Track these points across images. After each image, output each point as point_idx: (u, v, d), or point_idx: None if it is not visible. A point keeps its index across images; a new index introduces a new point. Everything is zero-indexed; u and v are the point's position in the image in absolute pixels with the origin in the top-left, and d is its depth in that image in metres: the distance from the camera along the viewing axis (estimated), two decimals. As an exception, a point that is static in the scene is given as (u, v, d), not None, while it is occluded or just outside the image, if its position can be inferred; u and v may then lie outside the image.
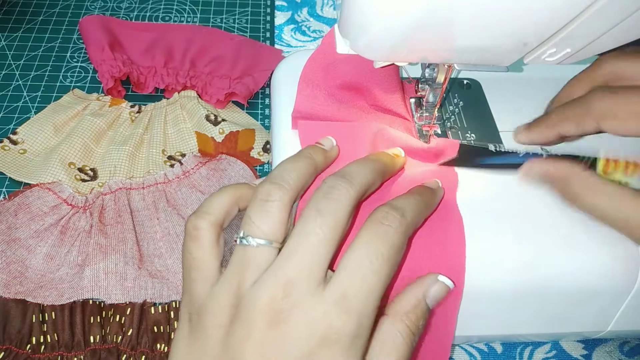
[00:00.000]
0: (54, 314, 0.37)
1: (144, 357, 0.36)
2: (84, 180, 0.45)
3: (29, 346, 0.36)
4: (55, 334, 0.36)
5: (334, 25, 0.29)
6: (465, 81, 0.39)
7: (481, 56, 0.28)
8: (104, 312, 0.37)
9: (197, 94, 0.51)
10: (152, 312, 0.38)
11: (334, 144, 0.30)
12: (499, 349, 0.38)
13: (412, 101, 0.37)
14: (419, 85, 0.36)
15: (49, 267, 0.40)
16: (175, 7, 0.61)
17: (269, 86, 0.53)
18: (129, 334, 0.37)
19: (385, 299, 0.27)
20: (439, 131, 0.36)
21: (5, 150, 0.46)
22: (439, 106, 0.35)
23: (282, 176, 0.26)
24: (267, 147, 0.48)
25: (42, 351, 0.36)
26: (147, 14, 0.60)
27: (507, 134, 0.36)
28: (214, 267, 0.26)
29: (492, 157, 0.32)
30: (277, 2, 0.62)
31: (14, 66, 0.54)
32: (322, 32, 0.59)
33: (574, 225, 0.31)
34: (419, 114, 0.36)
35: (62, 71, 0.54)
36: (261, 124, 0.51)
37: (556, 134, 0.31)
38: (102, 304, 0.38)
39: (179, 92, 0.51)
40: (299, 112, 0.34)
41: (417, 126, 0.35)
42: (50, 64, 0.54)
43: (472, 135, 0.36)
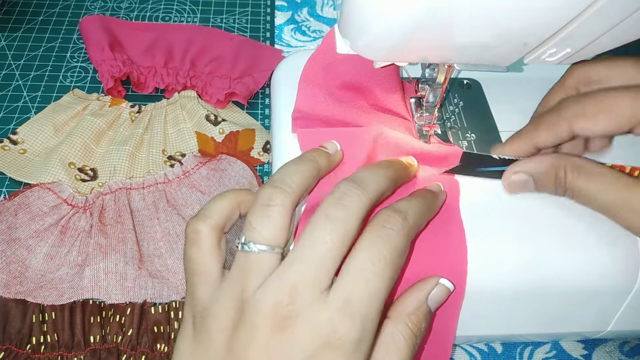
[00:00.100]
0: (54, 314, 0.37)
1: (144, 357, 0.36)
2: (84, 180, 0.45)
3: (29, 346, 0.36)
4: (55, 334, 0.36)
5: (334, 25, 0.29)
6: (465, 81, 0.39)
7: (481, 56, 0.28)
8: (104, 312, 0.37)
9: (197, 94, 0.51)
10: (152, 312, 0.38)
11: (338, 148, 0.30)
12: (499, 349, 0.38)
13: (412, 101, 0.37)
14: (419, 85, 0.36)
15: (49, 267, 0.40)
16: (175, 7, 0.61)
17: (269, 86, 0.53)
18: (129, 334, 0.37)
19: (388, 301, 0.27)
20: (439, 131, 0.36)
21: (5, 150, 0.46)
22: (439, 106, 0.35)
23: (283, 180, 0.25)
24: (267, 147, 0.48)
25: (42, 351, 0.36)
26: (147, 14, 0.60)
27: (507, 134, 0.36)
28: (216, 270, 0.25)
29: (494, 166, 0.32)
30: (277, 2, 0.62)
31: (14, 66, 0.54)
32: (322, 32, 0.59)
33: (574, 225, 0.31)
34: (419, 114, 0.36)
35: (62, 71, 0.54)
36: (261, 124, 0.51)
37: (532, 145, 0.31)
38: (102, 304, 0.38)
39: (179, 92, 0.51)
40: (299, 112, 0.34)
41: (417, 126, 0.35)
42: (50, 64, 0.54)
43: (472, 135, 0.36)
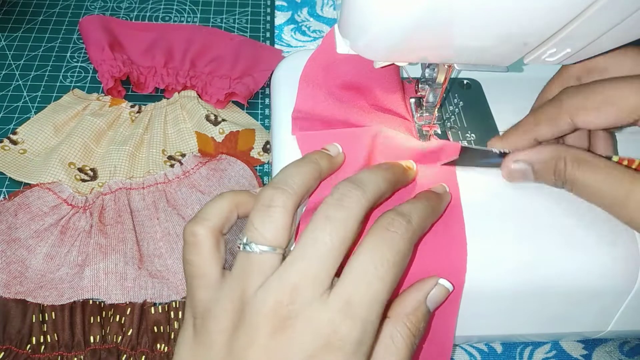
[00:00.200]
0: (54, 314, 0.37)
1: (144, 357, 0.36)
2: (84, 180, 0.45)
3: (29, 346, 0.36)
4: (55, 334, 0.36)
5: (334, 25, 0.29)
6: (465, 81, 0.39)
7: (481, 56, 0.28)
8: (104, 312, 0.37)
9: (197, 94, 0.51)
10: (152, 312, 0.38)
11: (340, 150, 0.30)
12: (499, 349, 0.38)
13: (412, 101, 0.37)
14: (419, 85, 0.35)
15: (49, 267, 0.40)
16: (175, 7, 0.61)
17: (269, 86, 0.53)
18: (129, 334, 0.37)
19: (389, 303, 0.27)
20: (439, 131, 0.36)
21: (5, 150, 0.46)
22: (439, 106, 0.35)
23: (285, 181, 0.25)
24: (267, 147, 0.48)
25: (42, 351, 0.36)
26: (147, 14, 0.60)
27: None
28: (215, 272, 0.25)
29: (494, 158, 0.32)
30: (277, 2, 0.62)
31: (14, 66, 0.54)
32: (322, 32, 0.59)
33: (574, 225, 0.31)
34: (419, 114, 0.36)
35: (62, 71, 0.54)
36: (261, 124, 0.51)
37: (532, 139, 0.31)
38: (102, 304, 0.38)
39: (179, 92, 0.51)
40: (300, 112, 0.34)
41: (417, 126, 0.35)
42: (50, 64, 0.54)
43: (472, 135, 0.36)
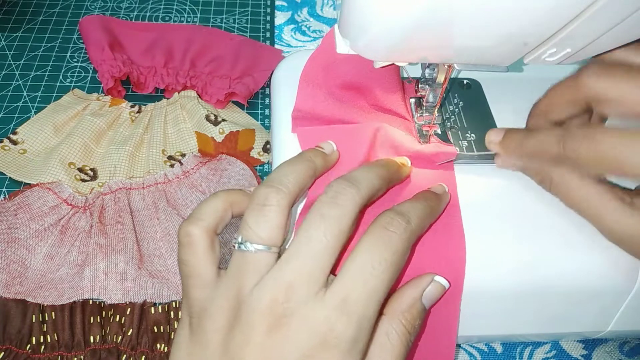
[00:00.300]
0: (54, 314, 0.37)
1: (144, 357, 0.36)
2: (84, 180, 0.45)
3: (29, 346, 0.36)
4: (55, 334, 0.36)
5: (334, 25, 0.29)
6: (465, 81, 0.39)
7: (481, 56, 0.28)
8: (104, 312, 0.37)
9: (197, 94, 0.51)
10: (152, 312, 0.38)
11: (334, 148, 0.30)
12: (499, 349, 0.38)
13: (412, 101, 0.37)
14: (419, 85, 0.35)
15: (49, 267, 0.40)
16: (175, 7, 0.61)
17: (269, 86, 0.53)
18: (129, 334, 0.37)
19: (385, 301, 0.27)
20: (438, 131, 0.36)
21: (5, 150, 0.46)
22: (439, 106, 0.35)
23: (279, 179, 0.25)
24: (267, 147, 0.48)
25: (42, 351, 0.36)
26: (147, 14, 0.60)
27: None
28: (210, 272, 0.25)
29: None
30: (277, 2, 0.62)
31: (14, 66, 0.54)
32: (322, 32, 0.59)
33: (574, 225, 0.31)
34: (419, 114, 0.36)
35: (62, 71, 0.54)
36: (261, 124, 0.51)
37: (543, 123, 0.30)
38: (102, 304, 0.38)
39: (179, 92, 0.51)
40: (300, 112, 0.34)
41: (417, 126, 0.35)
42: (50, 64, 0.54)
43: (472, 135, 0.36)
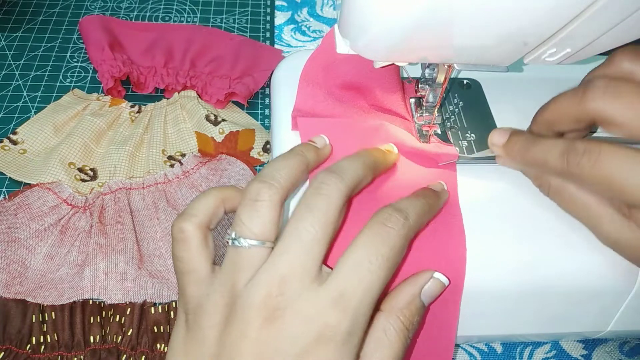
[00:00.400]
0: (54, 314, 0.37)
1: (144, 357, 0.36)
2: (84, 180, 0.45)
3: (29, 346, 0.36)
4: (55, 334, 0.36)
5: (334, 25, 0.29)
6: (465, 81, 0.39)
7: (481, 56, 0.28)
8: (104, 312, 0.37)
9: (197, 94, 0.51)
10: (152, 312, 0.38)
11: (327, 142, 0.30)
12: (499, 349, 0.38)
13: (412, 101, 0.37)
14: (419, 85, 0.35)
15: (49, 267, 0.40)
16: (175, 7, 0.61)
17: (269, 86, 0.53)
18: (129, 334, 0.37)
19: (382, 296, 0.27)
20: (438, 131, 0.36)
21: (5, 150, 0.46)
22: (439, 106, 0.35)
23: (272, 175, 0.25)
24: (267, 147, 0.48)
25: (42, 351, 0.36)
26: (147, 14, 0.60)
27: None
28: (205, 268, 0.25)
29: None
30: (277, 2, 0.62)
31: (14, 66, 0.54)
32: (322, 32, 0.59)
33: (574, 225, 0.30)
34: (419, 114, 0.36)
35: (62, 71, 0.54)
36: (261, 124, 0.51)
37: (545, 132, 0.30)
38: (102, 304, 0.38)
39: (179, 92, 0.51)
40: (299, 111, 0.34)
41: (417, 126, 0.35)
42: (50, 64, 0.54)
43: (472, 135, 0.36)
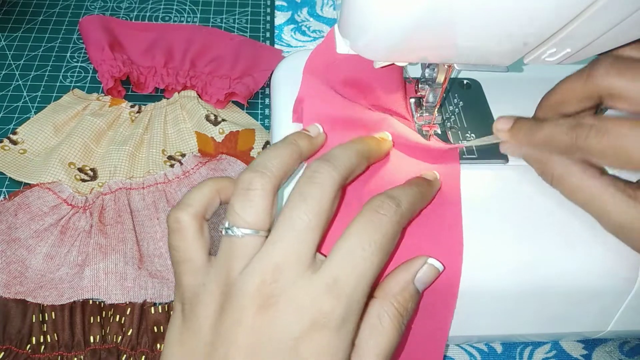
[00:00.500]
0: (54, 314, 0.37)
1: (144, 357, 0.36)
2: (84, 180, 0.45)
3: (29, 346, 0.36)
4: (55, 334, 0.36)
5: (334, 25, 0.29)
6: (465, 81, 0.39)
7: (481, 56, 0.28)
8: (104, 312, 0.37)
9: (197, 94, 0.51)
10: (152, 312, 0.38)
11: (320, 131, 0.30)
12: (499, 349, 0.38)
13: (412, 101, 0.37)
14: (419, 85, 0.35)
15: (49, 267, 0.40)
16: (175, 7, 0.61)
17: (269, 86, 0.53)
18: (129, 334, 0.37)
19: (375, 284, 0.27)
20: (438, 131, 0.36)
21: (5, 150, 0.46)
22: (439, 106, 0.35)
23: (264, 164, 0.26)
24: (267, 147, 0.48)
25: (42, 351, 0.36)
26: (147, 14, 0.60)
27: (507, 134, 0.36)
28: (201, 257, 0.26)
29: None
30: (277, 2, 0.62)
31: (14, 66, 0.54)
32: (322, 32, 0.59)
33: (575, 225, 0.31)
34: (419, 114, 0.36)
35: (62, 71, 0.54)
36: (261, 124, 0.51)
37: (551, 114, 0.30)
38: (102, 304, 0.38)
39: (179, 92, 0.51)
40: (302, 103, 0.34)
41: (417, 126, 0.35)
42: (50, 64, 0.54)
43: (472, 135, 0.36)
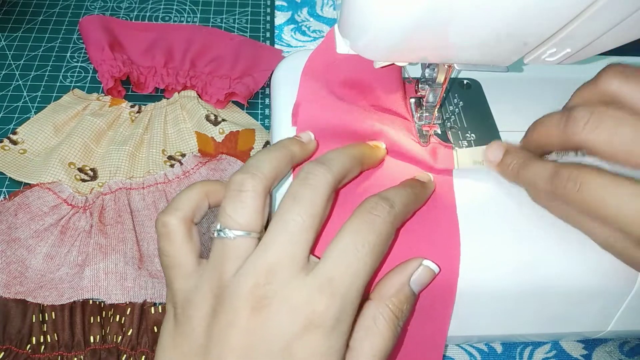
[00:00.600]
0: (54, 314, 0.37)
1: (144, 357, 0.36)
2: (84, 180, 0.45)
3: (29, 346, 0.36)
4: (55, 334, 0.36)
5: (334, 25, 0.29)
6: (465, 81, 0.39)
7: (481, 56, 0.28)
8: (104, 312, 0.37)
9: (197, 94, 0.51)
10: (152, 312, 0.38)
11: (312, 138, 0.31)
12: (499, 349, 0.38)
13: (412, 101, 0.37)
14: (419, 85, 0.36)
15: (49, 267, 0.40)
16: (175, 7, 0.61)
17: (269, 86, 0.53)
18: (129, 334, 0.37)
19: (370, 287, 0.27)
20: (438, 131, 0.36)
21: (5, 150, 0.46)
22: (439, 106, 0.35)
23: (255, 165, 0.26)
24: (260, 150, 0.48)
25: (42, 351, 0.36)
26: (147, 14, 0.60)
27: (507, 134, 0.36)
28: (190, 261, 0.25)
29: None
30: (277, 2, 0.62)
31: (14, 66, 0.54)
32: (322, 32, 0.59)
33: (574, 225, 0.31)
34: (419, 114, 0.36)
35: (62, 71, 0.54)
36: (261, 124, 0.51)
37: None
38: (102, 304, 0.38)
39: (179, 92, 0.51)
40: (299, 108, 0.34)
41: (417, 126, 0.35)
42: (50, 64, 0.54)
43: (472, 135, 0.36)
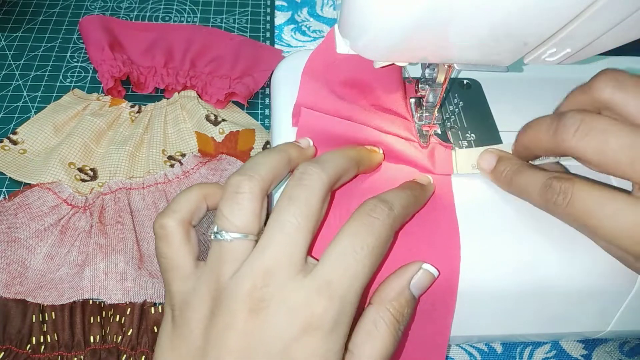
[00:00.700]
0: (54, 314, 0.37)
1: (144, 357, 0.36)
2: (84, 180, 0.45)
3: (29, 346, 0.36)
4: (55, 334, 0.36)
5: (334, 25, 0.29)
6: (465, 81, 0.39)
7: (481, 56, 0.28)
8: (104, 312, 0.37)
9: (197, 94, 0.51)
10: (152, 312, 0.38)
11: (311, 144, 0.31)
12: (499, 349, 0.38)
13: (412, 101, 0.37)
14: (419, 85, 0.35)
15: (49, 267, 0.40)
16: (175, 7, 0.61)
17: (269, 86, 0.53)
18: (129, 334, 0.37)
19: (369, 290, 0.27)
20: (438, 131, 0.36)
21: (5, 150, 0.46)
22: (439, 106, 0.35)
23: (252, 167, 0.26)
24: (267, 147, 0.48)
25: (42, 351, 0.36)
26: (147, 14, 0.60)
27: (507, 134, 0.36)
28: (188, 263, 0.26)
29: None
30: (277, 2, 0.62)
31: (14, 66, 0.54)
32: (322, 32, 0.59)
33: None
34: (419, 114, 0.36)
35: (62, 71, 0.54)
36: (261, 124, 0.51)
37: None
38: (102, 304, 0.38)
39: (179, 92, 0.51)
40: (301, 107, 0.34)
41: (417, 126, 0.35)
42: (50, 64, 0.54)
43: (472, 135, 0.36)
